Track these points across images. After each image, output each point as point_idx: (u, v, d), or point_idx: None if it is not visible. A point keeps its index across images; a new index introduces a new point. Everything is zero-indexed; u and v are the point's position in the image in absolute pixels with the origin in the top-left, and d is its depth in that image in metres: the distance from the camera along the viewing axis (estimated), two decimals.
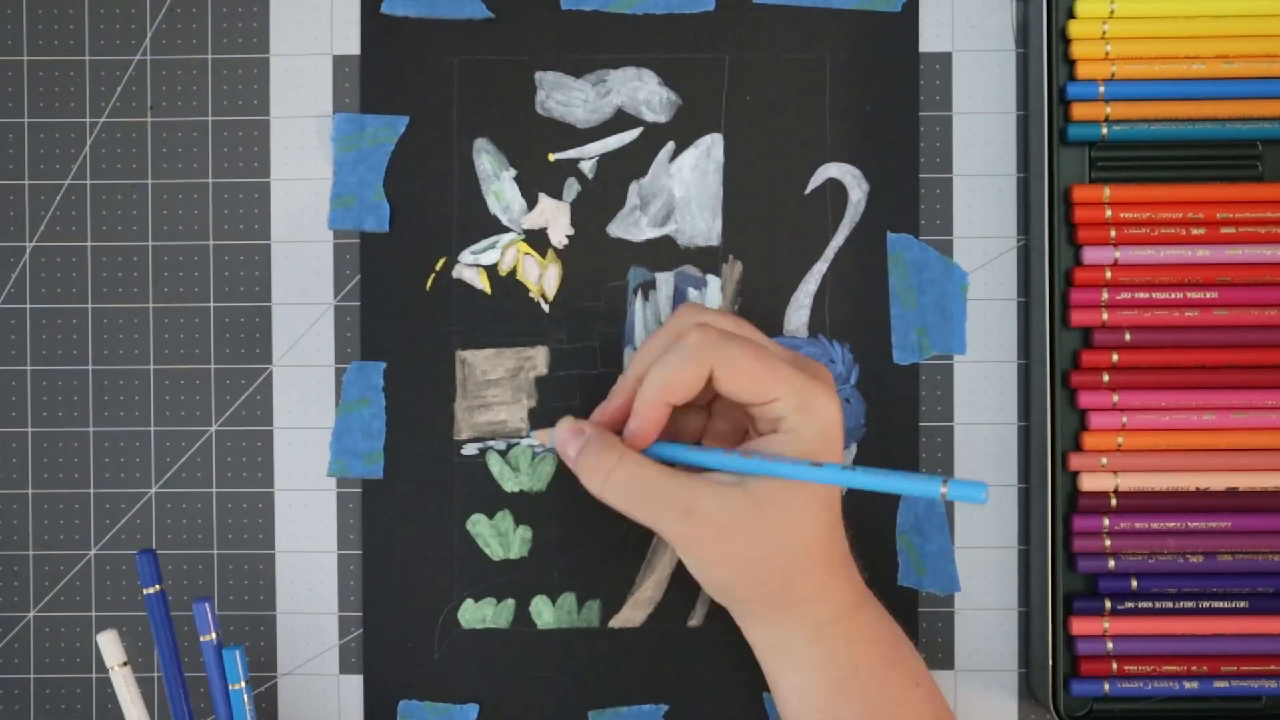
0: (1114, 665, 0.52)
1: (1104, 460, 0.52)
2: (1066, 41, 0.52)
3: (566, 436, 0.47)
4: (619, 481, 0.45)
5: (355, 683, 0.54)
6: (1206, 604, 0.52)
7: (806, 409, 0.44)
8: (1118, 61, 0.52)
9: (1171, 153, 0.52)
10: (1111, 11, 0.51)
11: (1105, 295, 0.52)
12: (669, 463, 0.46)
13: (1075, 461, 0.52)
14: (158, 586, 0.48)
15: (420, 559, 0.53)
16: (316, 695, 0.54)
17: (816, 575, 0.46)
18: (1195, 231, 0.52)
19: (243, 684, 0.48)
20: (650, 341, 0.47)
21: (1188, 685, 0.51)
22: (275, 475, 0.54)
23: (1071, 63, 0.52)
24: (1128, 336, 0.52)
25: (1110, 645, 0.51)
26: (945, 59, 0.54)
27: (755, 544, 0.45)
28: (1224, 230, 0.51)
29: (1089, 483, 0.52)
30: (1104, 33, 0.51)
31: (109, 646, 0.48)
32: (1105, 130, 0.52)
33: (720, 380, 0.45)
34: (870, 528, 0.53)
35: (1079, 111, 0.52)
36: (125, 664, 0.48)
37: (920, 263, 0.53)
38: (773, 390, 0.44)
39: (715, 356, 0.44)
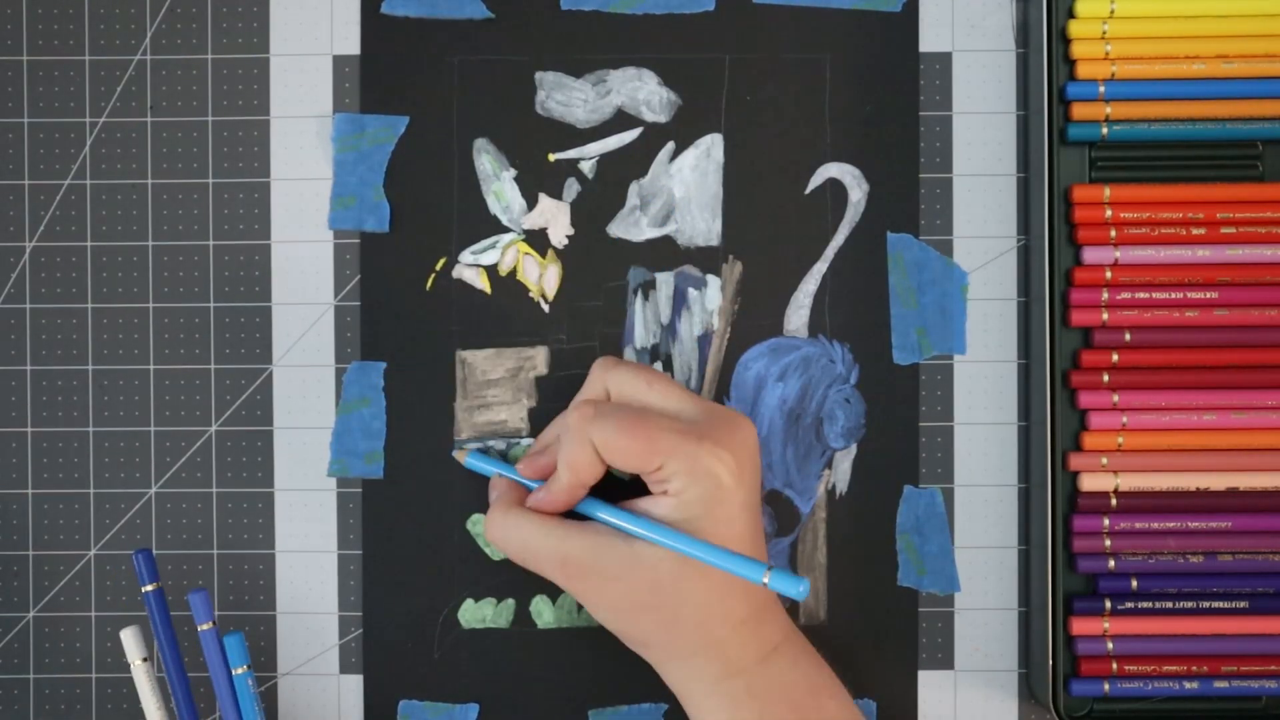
0: (1114, 665, 0.52)
1: (1104, 460, 0.52)
2: (1066, 41, 0.52)
3: (492, 488, 0.51)
4: (505, 540, 0.49)
5: (355, 683, 0.54)
6: (1206, 604, 0.52)
7: (690, 473, 0.46)
8: (1118, 61, 0.52)
9: (1171, 153, 0.52)
10: (1111, 11, 0.51)
11: (1105, 295, 0.52)
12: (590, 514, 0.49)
13: (1075, 461, 0.52)
14: (155, 584, 0.48)
15: (420, 559, 0.53)
16: (316, 695, 0.54)
17: (709, 632, 0.46)
18: (1195, 231, 0.52)
19: (245, 668, 0.48)
20: (573, 403, 0.50)
21: (1188, 685, 0.51)
22: (275, 475, 0.54)
23: (1071, 63, 0.52)
24: (1128, 336, 0.52)
25: (1110, 645, 0.51)
26: (945, 59, 0.54)
27: (637, 595, 0.46)
28: (1224, 230, 0.52)
29: (1089, 483, 0.52)
30: (1104, 33, 0.51)
31: (131, 642, 0.49)
32: (1105, 130, 0.52)
33: (604, 455, 0.47)
34: (870, 528, 0.53)
35: (1079, 111, 0.52)
36: (145, 659, 0.49)
37: (920, 263, 0.53)
38: (651, 461, 0.46)
39: (593, 436, 0.47)
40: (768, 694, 0.46)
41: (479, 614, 0.53)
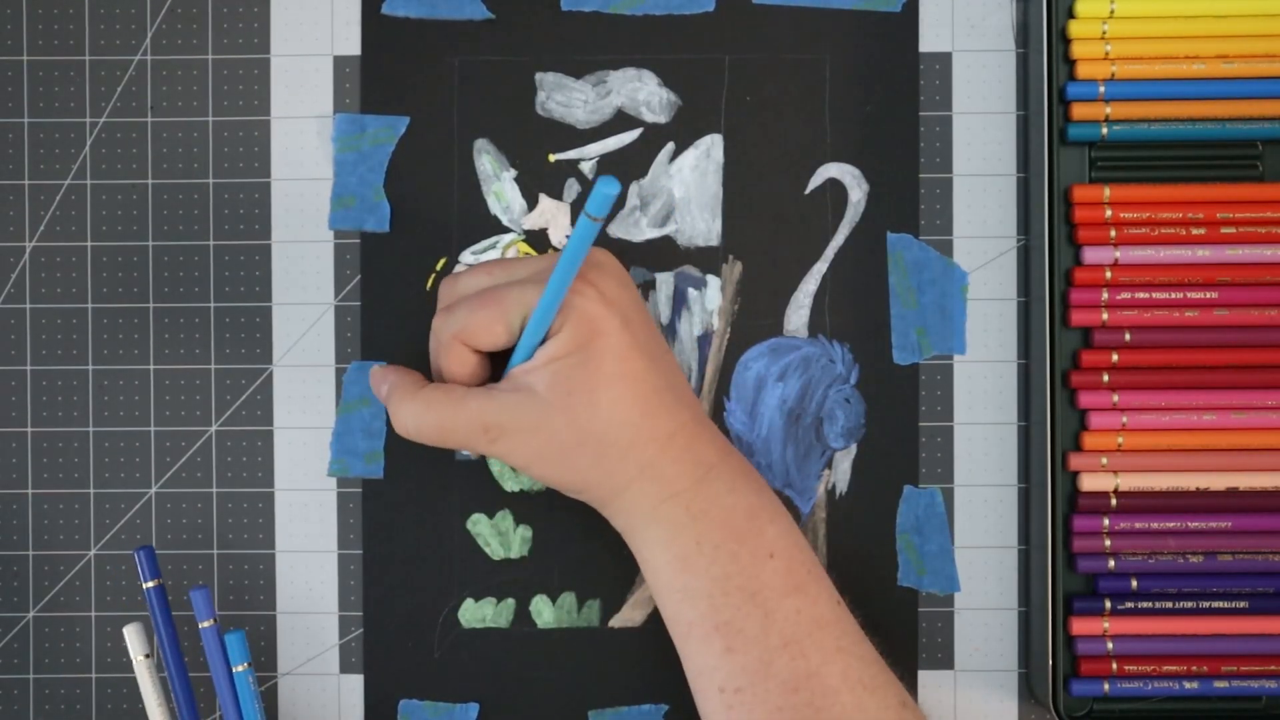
0: (1114, 665, 0.52)
1: (1104, 460, 0.52)
2: (1066, 41, 0.52)
3: (375, 384, 0.50)
4: (420, 425, 0.47)
5: (355, 683, 0.54)
6: (1206, 604, 0.52)
7: (559, 311, 0.46)
8: (1118, 61, 0.52)
9: (1171, 153, 0.52)
10: (1111, 11, 0.51)
11: (1105, 295, 0.52)
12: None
13: (1075, 461, 0.52)
14: (156, 580, 0.48)
15: (420, 559, 0.53)
16: (316, 695, 0.54)
17: (640, 455, 0.46)
18: (1195, 231, 0.52)
19: (246, 665, 0.48)
20: None
21: (1188, 685, 0.51)
22: (275, 475, 0.54)
23: (1071, 63, 0.52)
24: (1128, 336, 0.52)
25: (1110, 645, 0.51)
26: (945, 59, 0.54)
27: (558, 439, 0.46)
28: (1224, 230, 0.52)
29: (1089, 483, 0.52)
30: (1104, 33, 0.51)
31: (134, 638, 0.49)
32: (1105, 130, 0.52)
33: (478, 347, 0.47)
34: (870, 528, 0.53)
35: (1079, 111, 0.52)
36: (149, 656, 0.49)
37: (920, 263, 0.53)
38: (513, 320, 0.46)
39: (452, 330, 0.47)
40: (705, 515, 0.46)
41: (479, 614, 0.53)
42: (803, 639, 0.46)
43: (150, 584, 0.49)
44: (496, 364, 0.49)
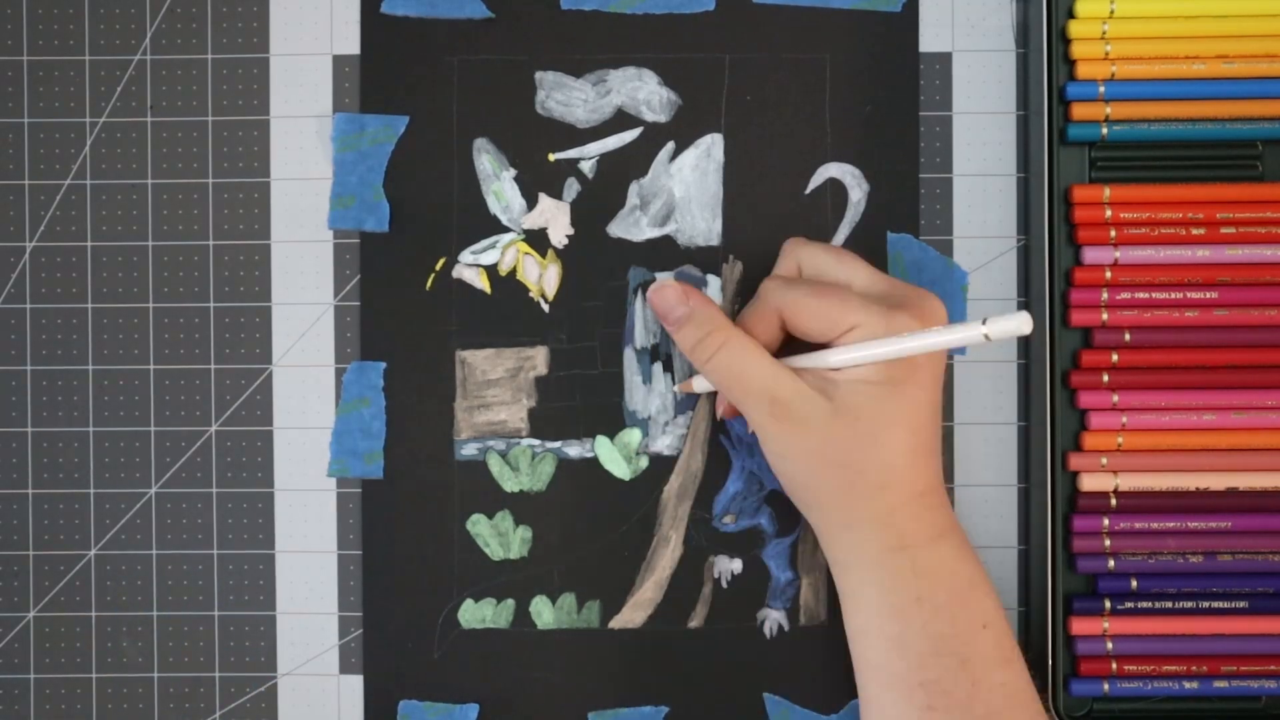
0: (1114, 665, 0.52)
1: (1104, 460, 0.52)
2: (1066, 41, 0.52)
3: (673, 301, 0.50)
4: (719, 363, 0.48)
5: (355, 683, 0.54)
6: (1206, 604, 0.52)
7: (884, 331, 0.46)
8: (1118, 61, 0.52)
9: (1171, 153, 0.52)
10: (1111, 11, 0.51)
11: (1105, 295, 0.52)
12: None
13: (1075, 461, 0.52)
14: None
15: (420, 559, 0.54)
16: (316, 695, 0.54)
17: (887, 499, 0.47)
18: (1195, 231, 0.52)
19: None
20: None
21: (1188, 685, 0.51)
22: (275, 475, 0.54)
23: (1071, 63, 0.52)
24: (1128, 336, 0.52)
25: (1110, 645, 0.51)
26: (945, 59, 0.54)
27: (828, 449, 0.46)
28: (1224, 230, 0.52)
29: (1089, 483, 0.52)
30: (1104, 33, 0.51)
31: None
32: (1105, 130, 0.52)
33: (791, 325, 0.48)
34: None
35: (1079, 111, 0.52)
36: None
37: (920, 263, 0.53)
38: (844, 320, 0.47)
39: (784, 300, 0.48)
40: (932, 574, 0.47)
41: (479, 614, 0.54)
42: (1004, 714, 0.46)
43: None
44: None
